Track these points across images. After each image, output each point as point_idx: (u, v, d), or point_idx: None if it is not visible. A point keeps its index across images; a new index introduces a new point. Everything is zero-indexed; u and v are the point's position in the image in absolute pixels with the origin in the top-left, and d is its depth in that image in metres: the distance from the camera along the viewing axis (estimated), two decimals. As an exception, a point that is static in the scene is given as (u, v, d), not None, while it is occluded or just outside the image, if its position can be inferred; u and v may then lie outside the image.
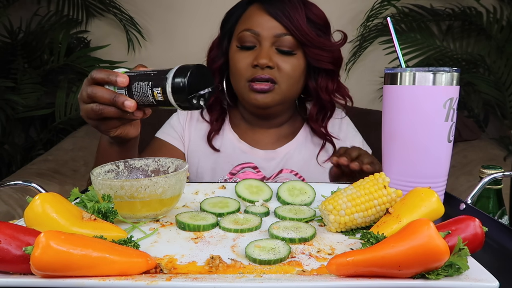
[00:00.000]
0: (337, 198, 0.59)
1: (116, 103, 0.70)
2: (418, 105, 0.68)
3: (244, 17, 1.07)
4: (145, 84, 0.69)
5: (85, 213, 0.55)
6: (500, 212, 0.83)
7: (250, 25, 1.04)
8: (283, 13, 1.01)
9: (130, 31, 2.39)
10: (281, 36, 1.02)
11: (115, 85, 0.71)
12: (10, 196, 1.52)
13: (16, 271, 0.44)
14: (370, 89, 2.55)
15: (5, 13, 2.21)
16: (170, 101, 0.68)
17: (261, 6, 1.04)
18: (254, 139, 1.16)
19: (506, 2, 2.38)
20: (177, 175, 0.63)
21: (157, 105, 0.70)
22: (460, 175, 1.85)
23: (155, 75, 0.69)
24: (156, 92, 0.68)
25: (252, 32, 1.03)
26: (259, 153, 1.14)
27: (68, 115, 2.40)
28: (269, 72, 1.02)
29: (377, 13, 2.35)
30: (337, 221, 0.58)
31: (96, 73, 0.72)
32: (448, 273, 0.42)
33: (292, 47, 1.03)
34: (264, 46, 1.02)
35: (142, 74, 0.71)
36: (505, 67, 2.29)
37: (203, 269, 0.48)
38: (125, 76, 0.70)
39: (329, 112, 1.16)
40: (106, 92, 0.71)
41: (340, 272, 0.43)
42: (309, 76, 1.10)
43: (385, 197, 0.59)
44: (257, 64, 1.01)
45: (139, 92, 0.70)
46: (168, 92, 0.67)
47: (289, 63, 1.03)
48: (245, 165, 1.12)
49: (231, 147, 1.15)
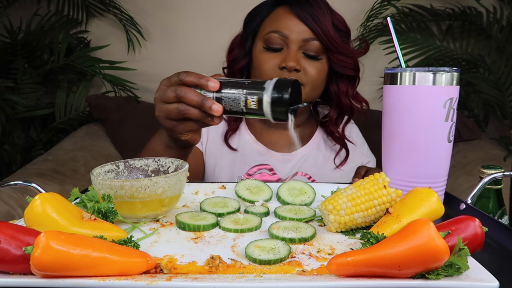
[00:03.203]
0: (337, 198, 0.59)
1: (204, 106, 0.71)
2: (418, 105, 0.68)
3: (271, 18, 1.07)
4: (239, 92, 0.70)
5: (85, 213, 0.55)
6: (500, 212, 0.83)
7: (278, 27, 1.04)
8: (312, 18, 1.02)
9: (130, 31, 2.38)
10: (309, 40, 1.03)
11: (205, 89, 0.72)
12: (10, 196, 1.52)
13: (16, 271, 0.44)
14: (370, 89, 2.55)
15: (5, 13, 2.21)
16: (264, 111, 0.69)
17: (289, 8, 1.04)
18: (270, 140, 1.17)
19: (506, 2, 2.38)
20: (177, 175, 0.63)
21: (245, 113, 0.72)
22: (460, 175, 1.85)
23: (250, 84, 0.71)
24: (250, 100, 0.69)
25: (280, 34, 1.03)
26: (276, 156, 1.15)
27: (68, 115, 2.40)
28: (295, 75, 1.02)
29: (377, 13, 2.35)
30: (337, 221, 0.58)
31: (186, 75, 0.73)
32: (448, 273, 0.42)
33: (318, 52, 1.04)
34: (292, 49, 1.03)
35: (234, 82, 0.72)
36: (505, 67, 2.29)
37: (203, 269, 0.48)
38: (216, 81, 0.71)
39: (347, 116, 1.18)
40: (196, 95, 0.72)
41: (340, 272, 0.43)
42: (331, 80, 1.12)
43: (385, 197, 0.59)
44: (284, 66, 1.02)
45: (229, 99, 0.71)
46: (265, 103, 0.69)
47: (314, 67, 1.04)
48: (261, 167, 1.13)
49: (248, 148, 1.16)
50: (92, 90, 2.53)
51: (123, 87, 2.35)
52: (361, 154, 1.22)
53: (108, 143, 2.19)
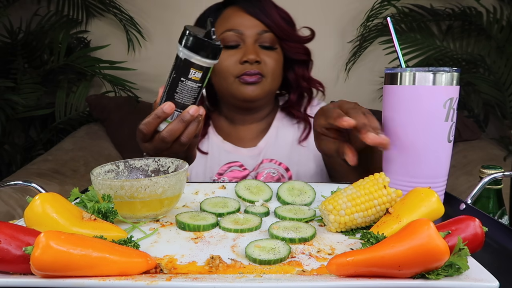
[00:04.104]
0: (337, 198, 0.59)
1: (188, 121, 0.76)
2: (418, 105, 0.68)
3: (222, 19, 1.13)
4: (181, 84, 0.74)
5: (85, 213, 0.55)
6: (500, 212, 0.83)
7: (232, 25, 1.10)
8: (263, 12, 1.10)
9: (130, 31, 2.39)
10: (263, 33, 1.10)
11: (166, 116, 0.76)
12: (10, 196, 1.52)
13: (16, 271, 0.44)
14: (370, 89, 2.55)
15: (5, 13, 2.21)
16: (206, 64, 0.73)
17: (239, 7, 1.12)
18: (238, 138, 1.21)
19: (506, 2, 2.38)
20: (177, 175, 0.63)
21: (202, 84, 0.75)
22: (460, 175, 1.85)
23: (176, 71, 0.74)
24: (192, 75, 0.73)
25: (235, 31, 1.09)
26: (243, 151, 1.19)
27: (68, 115, 2.40)
28: (257, 66, 1.08)
29: (377, 13, 2.35)
30: (337, 221, 0.58)
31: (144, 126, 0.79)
32: (448, 273, 0.42)
33: (273, 43, 1.11)
34: (249, 44, 1.09)
35: (169, 85, 0.75)
36: (505, 67, 2.29)
37: (203, 269, 0.48)
38: (166, 103, 0.75)
39: (308, 97, 1.23)
40: (174, 125, 0.77)
41: (340, 272, 0.43)
42: (287, 69, 1.18)
43: (385, 197, 0.59)
44: (246, 60, 1.07)
45: (184, 95, 0.75)
46: (197, 60, 0.72)
47: (272, 58, 1.11)
48: (231, 164, 1.18)
49: (217, 149, 1.20)
50: (92, 90, 2.53)
51: (123, 87, 2.35)
52: None
53: (108, 143, 2.19)
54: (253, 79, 1.08)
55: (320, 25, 2.48)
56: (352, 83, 2.55)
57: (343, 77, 2.55)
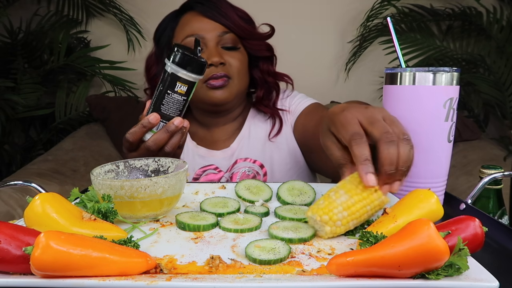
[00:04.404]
0: (331, 207, 0.57)
1: (172, 132, 0.79)
2: (418, 105, 0.68)
3: (181, 26, 1.13)
4: (167, 96, 0.78)
5: (85, 213, 0.55)
6: (500, 212, 0.83)
7: (192, 31, 1.10)
8: (220, 14, 1.10)
9: (130, 31, 2.39)
10: (223, 34, 1.10)
11: (152, 126, 0.79)
12: (10, 196, 1.52)
13: (16, 271, 0.44)
14: (370, 89, 2.55)
15: (5, 13, 2.21)
16: (191, 79, 0.78)
17: (196, 12, 1.12)
18: (212, 141, 1.21)
19: (506, 2, 2.38)
20: (177, 175, 0.63)
21: (187, 98, 0.79)
22: (460, 175, 1.85)
23: (163, 85, 0.78)
24: (178, 88, 0.77)
25: (196, 36, 1.08)
26: (217, 154, 1.19)
27: (68, 115, 2.40)
28: (222, 68, 1.08)
29: (377, 13, 2.36)
30: (333, 232, 0.57)
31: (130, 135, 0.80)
32: (448, 273, 0.42)
33: (235, 43, 1.11)
34: (211, 47, 1.08)
35: (156, 97, 0.79)
36: (505, 67, 2.29)
37: (203, 269, 0.48)
38: (152, 114, 0.79)
39: (275, 91, 1.22)
40: (159, 135, 0.79)
41: (340, 272, 0.43)
42: (252, 67, 1.18)
43: (376, 201, 0.58)
44: (211, 63, 1.06)
45: (170, 107, 0.79)
46: (184, 75, 0.77)
47: (236, 58, 1.11)
48: (206, 168, 1.18)
49: (191, 155, 1.20)
50: (92, 90, 2.53)
51: (123, 87, 2.35)
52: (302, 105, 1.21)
53: (108, 143, 2.19)
54: (219, 82, 1.07)
55: (320, 25, 2.49)
56: (352, 83, 2.55)
57: (343, 77, 2.55)
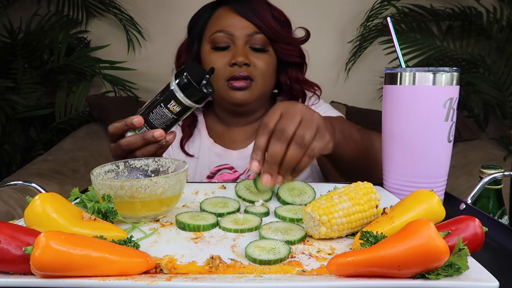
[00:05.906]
0: (333, 209, 0.56)
1: (148, 140, 0.78)
2: (418, 105, 0.68)
3: (213, 20, 1.11)
4: (159, 108, 0.78)
5: (85, 213, 0.55)
6: (500, 212, 0.83)
7: (222, 26, 1.08)
8: (253, 13, 1.07)
9: (130, 31, 2.39)
10: (254, 34, 1.07)
11: (133, 128, 0.80)
12: (10, 196, 1.52)
13: (16, 271, 0.44)
14: (370, 89, 2.55)
15: (5, 13, 2.21)
16: (187, 104, 0.77)
17: (230, 8, 1.09)
18: (230, 140, 1.19)
19: (506, 2, 2.38)
20: (177, 175, 0.63)
21: (177, 117, 0.79)
22: (460, 175, 1.85)
23: (160, 96, 0.78)
24: (171, 106, 0.77)
25: (225, 33, 1.07)
26: (233, 154, 1.17)
27: (68, 115, 2.40)
28: (246, 69, 1.06)
29: (377, 13, 2.36)
30: (327, 234, 0.56)
31: (112, 127, 0.81)
32: (448, 273, 0.42)
33: (264, 45, 1.09)
34: (239, 45, 1.06)
35: (149, 104, 0.79)
36: (505, 67, 2.29)
37: (203, 269, 0.48)
38: (138, 116, 0.79)
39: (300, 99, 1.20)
40: (134, 138, 0.79)
41: (340, 272, 0.43)
42: (280, 71, 1.16)
43: (374, 217, 0.58)
44: (235, 63, 1.05)
45: (157, 119, 0.79)
46: (181, 98, 0.76)
47: (263, 60, 1.08)
48: (221, 167, 1.16)
49: (207, 152, 1.18)
50: (92, 90, 2.53)
51: (123, 87, 2.35)
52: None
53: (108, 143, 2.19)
54: (240, 84, 1.05)
55: (320, 25, 2.49)
56: (352, 83, 2.55)
57: (343, 77, 2.55)
